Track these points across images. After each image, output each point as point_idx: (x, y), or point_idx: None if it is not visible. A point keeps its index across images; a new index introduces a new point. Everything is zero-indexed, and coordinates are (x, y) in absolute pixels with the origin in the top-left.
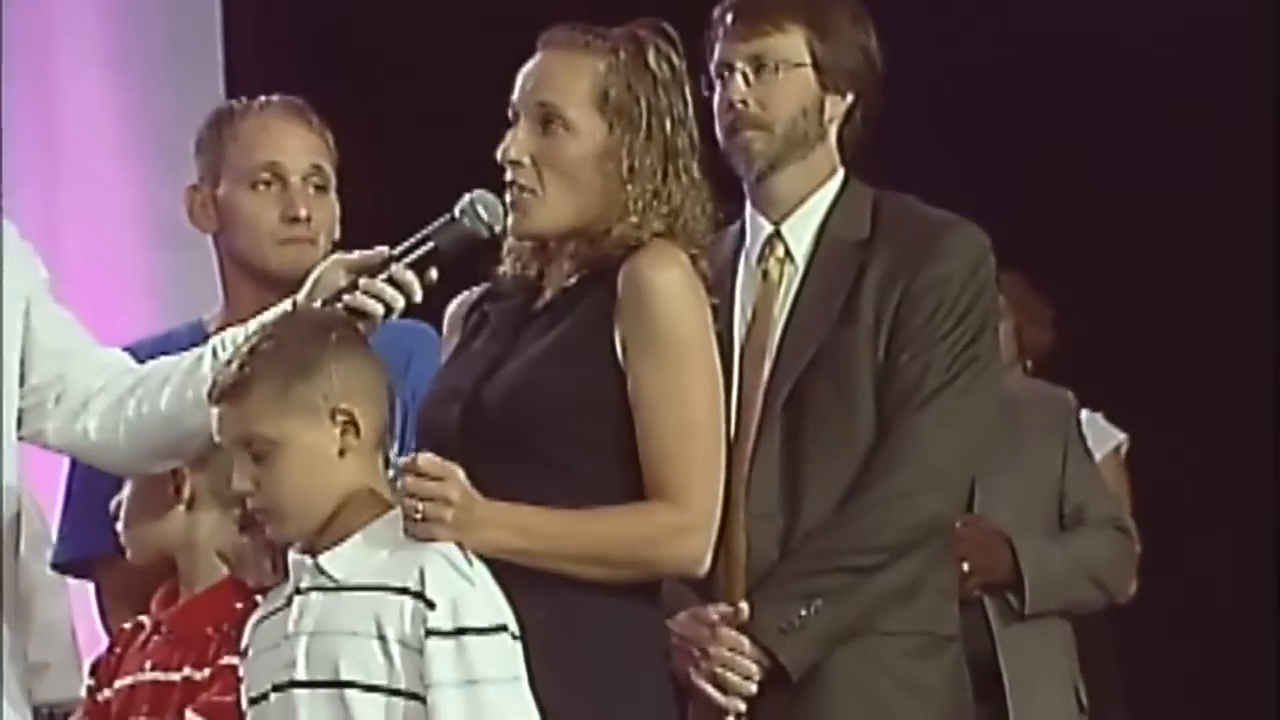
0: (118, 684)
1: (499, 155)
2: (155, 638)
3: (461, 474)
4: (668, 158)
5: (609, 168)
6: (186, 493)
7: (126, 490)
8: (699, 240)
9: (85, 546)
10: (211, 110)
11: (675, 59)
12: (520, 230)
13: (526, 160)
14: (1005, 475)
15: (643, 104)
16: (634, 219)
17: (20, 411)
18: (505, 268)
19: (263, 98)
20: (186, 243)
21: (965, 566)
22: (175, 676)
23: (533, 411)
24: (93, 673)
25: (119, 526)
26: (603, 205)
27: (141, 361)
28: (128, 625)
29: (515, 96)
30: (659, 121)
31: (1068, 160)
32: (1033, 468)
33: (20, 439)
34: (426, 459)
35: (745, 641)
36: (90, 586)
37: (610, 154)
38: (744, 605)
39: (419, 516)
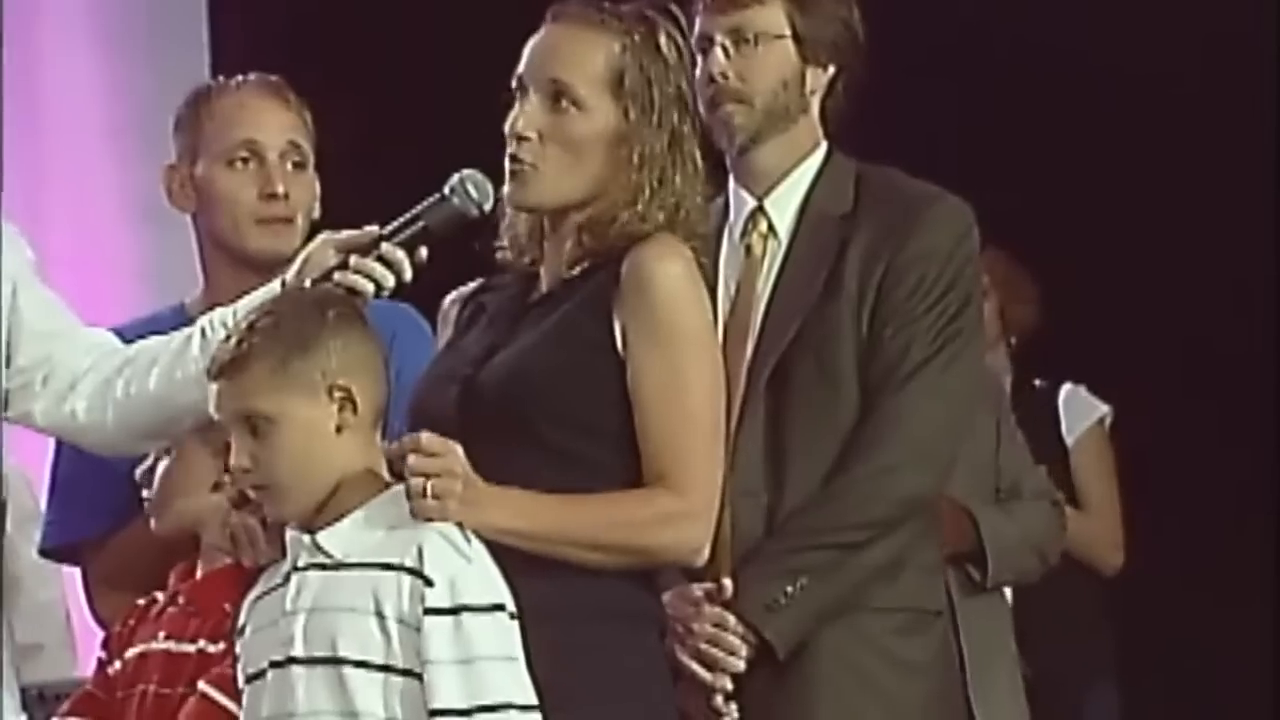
0: (128, 653)
1: (507, 128)
2: (170, 609)
3: (462, 452)
4: (674, 144)
5: (618, 153)
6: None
7: (162, 461)
8: (698, 230)
9: (72, 532)
10: (190, 90)
11: (682, 42)
12: (516, 200)
13: (534, 135)
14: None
15: (654, 90)
16: (639, 208)
17: (7, 393)
18: (502, 246)
19: (240, 77)
20: (171, 223)
21: None
22: (190, 648)
23: (531, 394)
24: (104, 646)
25: (147, 495)
26: (603, 188)
27: (126, 344)
28: (141, 601)
29: (523, 69)
30: (669, 108)
31: (1054, 135)
32: (975, 440)
33: (7, 420)
34: (429, 437)
35: (730, 619)
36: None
37: (621, 139)
38: (728, 582)
39: (427, 494)
